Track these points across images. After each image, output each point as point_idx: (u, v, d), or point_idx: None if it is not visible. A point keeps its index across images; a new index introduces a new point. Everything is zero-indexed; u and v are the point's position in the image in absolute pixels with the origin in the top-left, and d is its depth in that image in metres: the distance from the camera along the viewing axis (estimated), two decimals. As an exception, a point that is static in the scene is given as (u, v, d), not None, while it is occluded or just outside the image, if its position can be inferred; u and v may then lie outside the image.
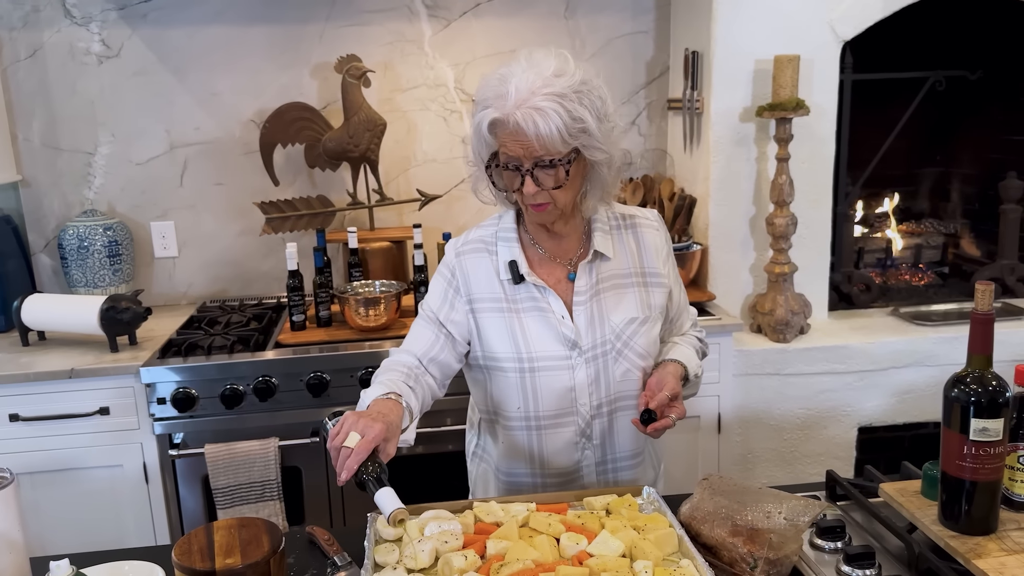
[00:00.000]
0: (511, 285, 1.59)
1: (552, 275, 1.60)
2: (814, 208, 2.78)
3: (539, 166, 1.44)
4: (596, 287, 1.60)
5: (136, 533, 2.45)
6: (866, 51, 2.78)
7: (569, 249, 1.62)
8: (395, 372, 1.54)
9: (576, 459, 1.63)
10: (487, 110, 1.44)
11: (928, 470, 1.38)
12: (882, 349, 2.70)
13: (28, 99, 2.87)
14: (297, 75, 2.95)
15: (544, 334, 1.57)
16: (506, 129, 1.43)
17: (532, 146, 1.42)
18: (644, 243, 1.65)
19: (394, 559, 1.30)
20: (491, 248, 1.62)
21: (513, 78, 1.42)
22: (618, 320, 1.59)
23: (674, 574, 1.22)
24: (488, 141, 1.47)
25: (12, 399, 2.35)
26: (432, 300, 1.63)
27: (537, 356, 1.57)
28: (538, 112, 1.39)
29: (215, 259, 3.04)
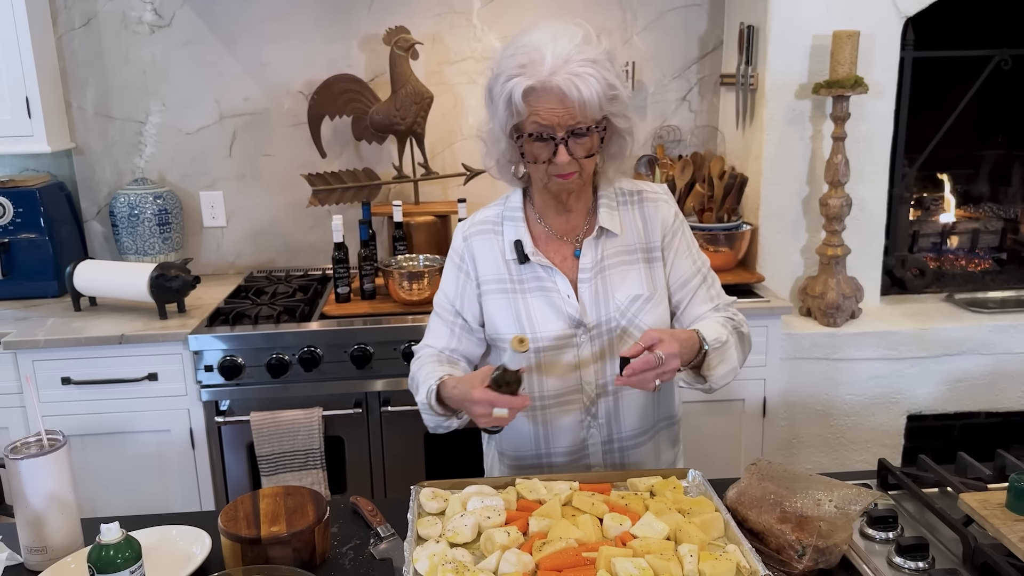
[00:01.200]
0: (516, 265, 1.58)
1: (558, 253, 1.59)
2: (869, 189, 2.70)
3: (573, 135, 1.43)
4: (601, 264, 1.58)
5: (182, 498, 2.49)
6: (928, 27, 2.68)
7: (576, 226, 1.60)
8: (430, 364, 1.58)
9: (582, 437, 1.62)
10: (518, 79, 1.40)
11: (1016, 481, 1.27)
12: (935, 336, 2.62)
13: (82, 67, 2.90)
14: (345, 47, 2.94)
15: (549, 314, 1.56)
16: (543, 96, 1.40)
17: (570, 113, 1.41)
18: (650, 217, 1.61)
19: (436, 532, 1.30)
20: (497, 228, 1.61)
21: (545, 45, 1.40)
22: (622, 297, 1.57)
23: (719, 559, 1.20)
24: (519, 110, 1.43)
25: (64, 363, 2.40)
26: (447, 290, 1.65)
27: (541, 336, 1.56)
28: (579, 78, 1.38)
29: (262, 230, 3.06)
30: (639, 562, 1.19)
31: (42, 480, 1.30)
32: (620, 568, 1.17)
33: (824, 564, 1.24)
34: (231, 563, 1.25)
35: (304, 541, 1.26)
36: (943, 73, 2.82)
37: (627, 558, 1.20)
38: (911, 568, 1.22)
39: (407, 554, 1.22)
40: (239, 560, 1.24)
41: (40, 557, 1.32)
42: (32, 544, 1.32)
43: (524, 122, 1.45)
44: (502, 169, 1.58)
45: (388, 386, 2.45)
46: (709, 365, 1.50)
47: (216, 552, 1.31)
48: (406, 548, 1.24)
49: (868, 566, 1.24)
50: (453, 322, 1.63)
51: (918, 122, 2.79)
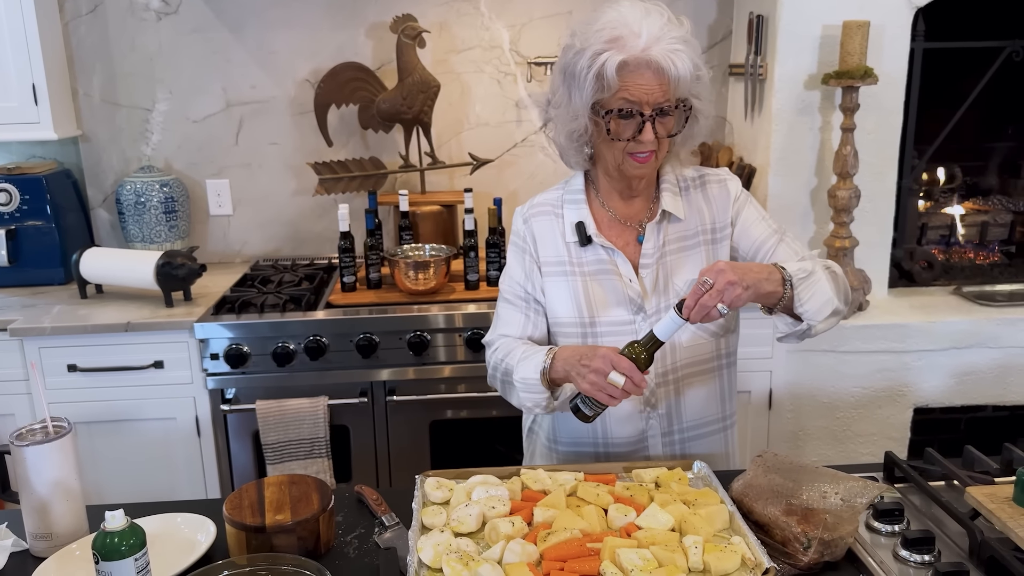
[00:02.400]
0: (577, 247, 1.56)
1: (621, 237, 1.58)
2: (878, 181, 2.68)
3: (659, 113, 1.42)
4: (663, 249, 1.56)
5: (187, 485, 2.50)
6: (939, 18, 2.66)
7: (639, 211, 1.59)
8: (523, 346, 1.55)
9: (641, 428, 1.59)
10: (609, 53, 1.39)
11: (1023, 475, 1.26)
12: (943, 329, 2.61)
13: (88, 54, 2.90)
14: (352, 35, 2.93)
15: (609, 298, 1.54)
16: (636, 71, 1.39)
17: (662, 89, 1.40)
18: (713, 197, 1.60)
19: (441, 521, 1.30)
20: (557, 211, 1.60)
21: (637, 22, 1.39)
22: (682, 283, 1.55)
23: (724, 551, 1.20)
24: (610, 85, 1.40)
25: (70, 350, 2.41)
26: (515, 275, 1.62)
27: (600, 320, 1.54)
28: (674, 53, 1.38)
29: (269, 218, 3.06)
30: (644, 553, 1.18)
31: (47, 467, 1.30)
32: (625, 559, 1.17)
33: (830, 557, 1.23)
34: (235, 551, 1.25)
35: (309, 530, 1.26)
36: (953, 64, 2.80)
37: (632, 549, 1.19)
38: (917, 561, 1.21)
39: (412, 543, 1.22)
40: (244, 548, 1.24)
41: (45, 543, 1.32)
42: (37, 530, 1.32)
43: (610, 98, 1.42)
44: (570, 149, 1.55)
45: (393, 375, 2.45)
46: (800, 300, 1.43)
47: (221, 540, 1.31)
48: (410, 537, 1.23)
49: (874, 559, 1.24)
50: (526, 307, 1.60)
51: (928, 114, 2.76)
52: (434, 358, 2.45)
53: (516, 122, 3.02)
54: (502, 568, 1.17)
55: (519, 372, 1.49)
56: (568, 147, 1.55)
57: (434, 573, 1.19)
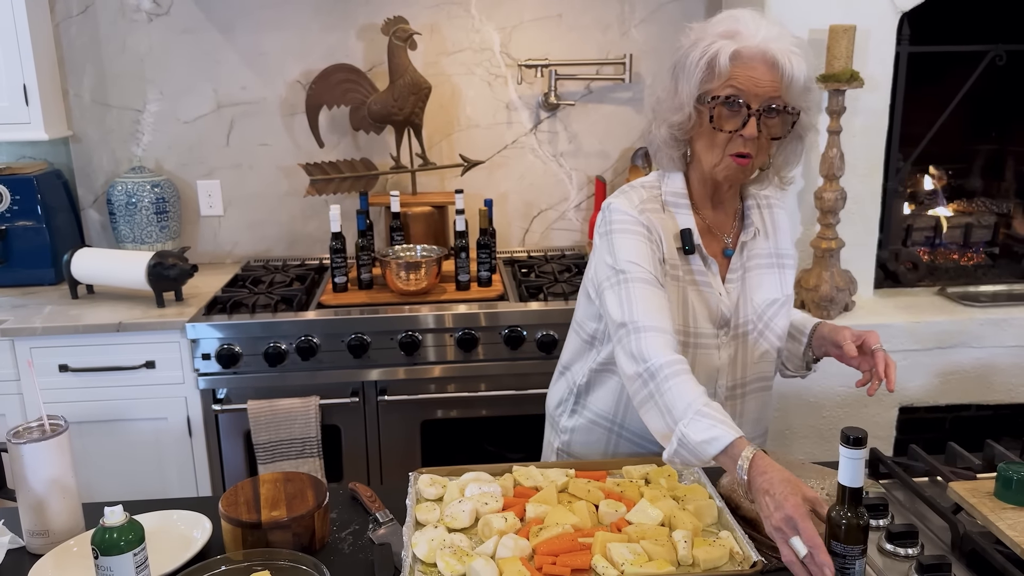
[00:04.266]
0: (681, 254, 1.52)
1: (710, 247, 1.56)
2: (864, 183, 2.72)
3: (766, 112, 1.41)
4: (744, 265, 1.58)
5: (179, 485, 2.51)
6: (924, 22, 2.69)
7: (724, 222, 1.58)
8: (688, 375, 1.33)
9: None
10: (725, 42, 1.40)
11: (1004, 471, 1.29)
12: (928, 329, 2.65)
13: (79, 55, 2.90)
14: (343, 36, 2.95)
15: (703, 310, 1.52)
16: (751, 61, 1.39)
17: (773, 85, 1.40)
18: (778, 224, 1.63)
19: (435, 518, 1.32)
20: (665, 210, 1.54)
21: (754, 20, 1.41)
22: (760, 300, 1.56)
23: (713, 545, 1.22)
24: (723, 72, 1.39)
25: (62, 350, 2.41)
26: (640, 259, 1.45)
27: (698, 331, 1.52)
28: (793, 54, 1.39)
29: (260, 219, 3.07)
30: (634, 547, 1.21)
31: (44, 464, 1.31)
32: (615, 553, 1.19)
33: (816, 550, 1.25)
34: (231, 547, 1.27)
35: (304, 526, 1.27)
36: (938, 68, 2.84)
37: (622, 543, 1.22)
38: (901, 554, 1.24)
39: (406, 539, 1.24)
40: (239, 544, 1.25)
41: (42, 541, 1.33)
42: (34, 528, 1.33)
43: (719, 86, 1.41)
44: (667, 146, 1.51)
45: (385, 375, 2.46)
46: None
47: (216, 536, 1.33)
48: (405, 533, 1.25)
49: (859, 553, 1.26)
50: (664, 296, 1.44)
51: (913, 117, 2.80)
52: (425, 358, 2.47)
53: (507, 124, 3.04)
54: (495, 562, 1.19)
55: (693, 431, 1.26)
56: (666, 143, 1.51)
57: (428, 568, 1.21)
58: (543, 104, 3.02)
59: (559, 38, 2.98)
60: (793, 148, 1.52)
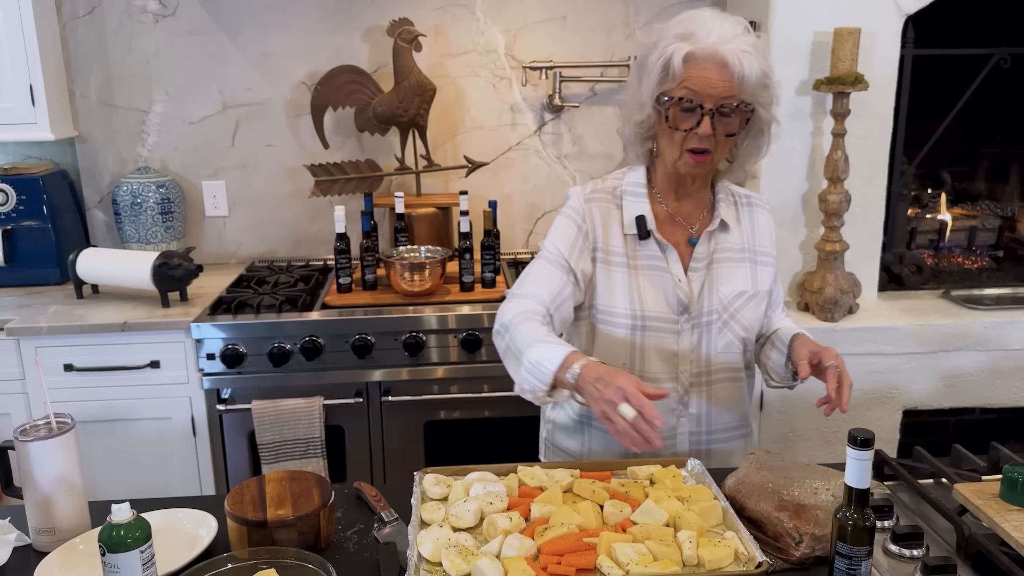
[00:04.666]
0: (634, 240, 1.59)
1: (673, 236, 1.61)
2: (868, 186, 2.72)
3: (720, 111, 1.46)
4: (712, 256, 1.62)
5: (182, 485, 2.51)
6: (929, 25, 2.70)
7: (692, 213, 1.63)
8: (540, 325, 1.45)
9: (671, 425, 1.62)
10: (680, 44, 1.46)
11: (1010, 472, 1.29)
12: (932, 332, 2.65)
13: (86, 56, 2.91)
14: (349, 38, 2.95)
15: (657, 295, 1.58)
16: (702, 63, 1.45)
17: (726, 85, 1.45)
18: (758, 223, 1.67)
19: (440, 517, 1.32)
20: (617, 201, 1.62)
21: (712, 21, 1.46)
22: (728, 292, 1.60)
23: (718, 545, 1.22)
24: (676, 73, 1.46)
25: (67, 350, 2.42)
26: (560, 242, 1.58)
27: (650, 315, 1.57)
28: (744, 53, 1.43)
29: (264, 220, 3.08)
30: (639, 547, 1.21)
31: (51, 462, 1.31)
32: (620, 553, 1.19)
33: (821, 551, 1.26)
34: (237, 545, 1.27)
35: (310, 525, 1.28)
36: (943, 71, 2.84)
37: (627, 543, 1.22)
38: (906, 556, 1.24)
39: (411, 538, 1.24)
40: (245, 543, 1.26)
41: (48, 538, 1.33)
42: (40, 525, 1.33)
43: (674, 88, 1.47)
44: (634, 142, 1.60)
45: (389, 376, 2.46)
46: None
47: (222, 535, 1.33)
48: (410, 532, 1.25)
49: (864, 554, 1.26)
50: (565, 278, 1.56)
51: (917, 120, 2.80)
52: (429, 359, 2.47)
53: (511, 126, 3.05)
54: (500, 562, 1.19)
55: (534, 352, 1.38)
56: (632, 139, 1.60)
57: (434, 567, 1.21)
58: (547, 106, 3.02)
59: (564, 40, 2.98)
60: (754, 142, 1.58)
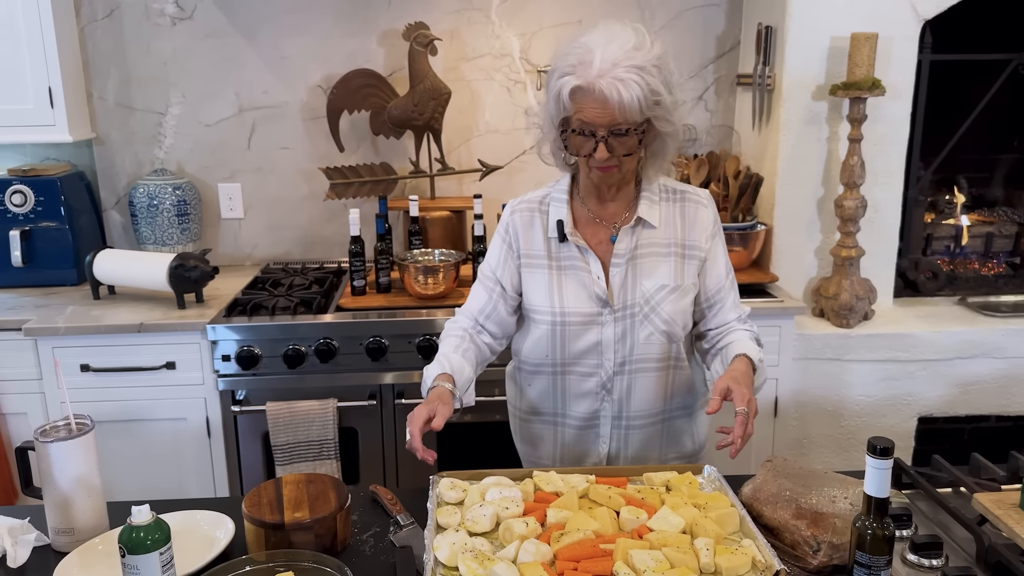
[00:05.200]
0: (556, 243, 1.68)
1: (595, 236, 1.69)
2: (884, 191, 2.71)
3: (613, 134, 1.52)
4: (634, 252, 1.67)
5: (197, 485, 2.52)
6: (947, 31, 2.69)
7: (616, 213, 1.69)
8: (452, 339, 1.71)
9: (595, 408, 1.72)
10: (568, 77, 1.51)
11: None
12: (948, 339, 2.63)
13: (104, 58, 2.93)
14: (364, 41, 2.96)
15: (579, 292, 1.66)
16: (587, 96, 1.50)
17: (611, 115, 1.50)
18: (690, 218, 1.70)
19: (456, 521, 1.32)
20: (543, 208, 1.72)
21: (596, 48, 1.49)
22: (649, 286, 1.66)
23: (735, 553, 1.22)
24: (566, 106, 1.53)
25: (83, 350, 2.43)
26: (491, 258, 1.76)
27: (570, 312, 1.66)
28: (621, 83, 1.47)
29: (279, 222, 3.09)
30: (656, 554, 1.20)
31: (70, 463, 1.32)
32: (637, 560, 1.19)
33: (839, 560, 1.25)
34: (254, 547, 1.27)
35: (326, 527, 1.28)
36: (960, 76, 2.82)
37: (644, 550, 1.21)
38: (925, 565, 1.23)
39: (428, 542, 1.24)
40: (262, 545, 1.26)
41: (67, 539, 1.34)
42: (59, 526, 1.34)
43: (571, 117, 1.54)
44: (554, 154, 1.68)
45: (402, 379, 2.47)
46: (754, 383, 1.59)
47: (239, 537, 1.33)
48: (426, 536, 1.26)
49: (882, 563, 1.25)
50: (492, 288, 1.73)
51: (934, 125, 2.79)
52: (443, 362, 2.47)
53: (525, 129, 3.05)
54: (517, 567, 1.19)
55: (428, 368, 1.63)
56: (552, 153, 1.68)
57: (450, 571, 1.21)
58: (562, 110, 3.02)
59: (579, 44, 2.98)
60: (659, 147, 1.63)
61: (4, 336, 2.45)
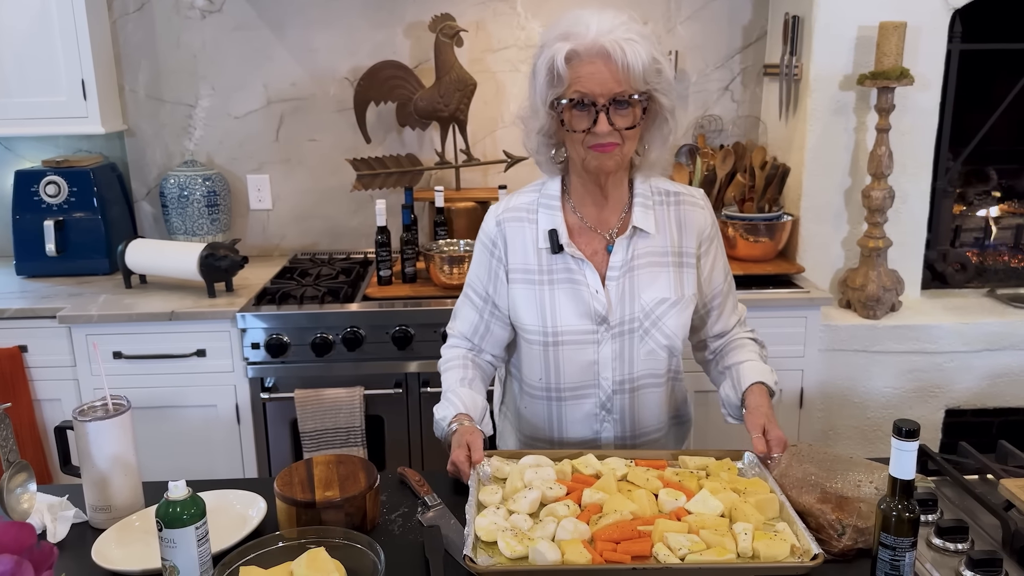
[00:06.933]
0: (548, 255, 1.56)
1: (590, 245, 1.58)
2: (912, 182, 2.69)
3: (616, 102, 1.42)
4: (631, 263, 1.57)
5: (226, 471, 2.56)
6: (977, 20, 2.66)
7: (610, 219, 1.59)
8: (454, 371, 1.63)
9: (595, 430, 1.64)
10: (561, 43, 1.41)
11: None
12: (976, 331, 2.61)
13: (135, 51, 2.98)
14: (391, 33, 2.98)
15: (573, 308, 1.56)
16: (585, 60, 1.40)
17: (614, 77, 1.40)
18: (686, 222, 1.61)
19: (497, 499, 1.34)
20: (532, 216, 1.59)
21: (590, 17, 1.42)
22: (649, 299, 1.57)
23: (774, 539, 1.22)
24: (562, 75, 1.42)
25: (116, 338, 2.48)
26: (479, 274, 1.64)
27: (563, 330, 1.56)
28: (626, 42, 1.39)
29: (307, 213, 3.12)
30: (693, 537, 1.21)
31: (107, 442, 1.36)
32: (673, 542, 1.19)
33: (863, 544, 1.25)
34: (286, 525, 1.30)
35: (356, 506, 1.30)
36: (991, 66, 2.79)
37: (682, 534, 1.22)
38: (951, 549, 1.23)
39: (469, 518, 1.26)
40: (293, 523, 1.29)
41: (104, 516, 1.38)
42: (97, 503, 1.38)
43: (564, 91, 1.43)
44: (541, 152, 1.57)
45: (427, 367, 2.49)
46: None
47: (271, 515, 1.36)
48: (468, 513, 1.27)
49: (907, 547, 1.25)
50: (483, 307, 1.64)
51: (963, 115, 2.77)
52: (468, 351, 2.49)
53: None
54: (557, 545, 1.20)
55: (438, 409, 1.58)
56: (539, 149, 1.56)
57: (489, 547, 1.23)
58: (587, 101, 3.02)
59: (604, 35, 2.98)
60: (658, 131, 1.52)
61: (39, 324, 2.50)
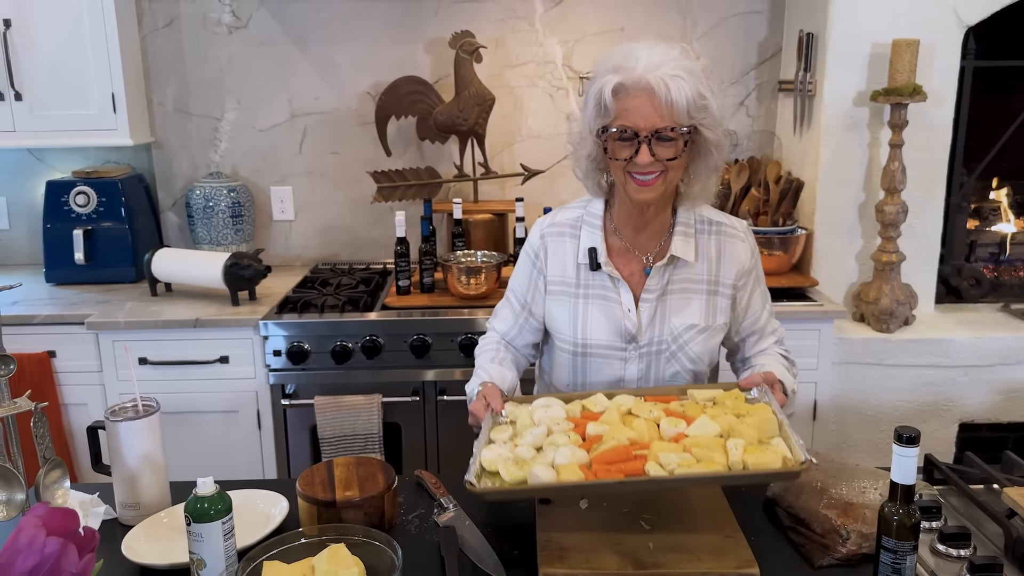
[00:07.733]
0: (587, 270, 1.64)
1: (628, 266, 1.64)
2: (926, 197, 2.71)
3: (657, 137, 1.46)
4: (666, 288, 1.62)
5: (247, 476, 2.61)
6: (990, 37, 2.69)
7: (649, 244, 1.64)
8: (487, 352, 1.74)
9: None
10: (611, 75, 1.46)
11: None
12: (990, 345, 2.62)
13: (163, 66, 3.06)
14: (412, 49, 3.05)
15: (605, 323, 1.62)
16: (631, 94, 1.45)
17: (658, 112, 1.44)
18: (725, 253, 1.64)
19: (506, 436, 1.39)
20: (575, 232, 1.66)
21: (641, 51, 1.46)
22: (678, 323, 1.61)
23: (765, 451, 1.24)
24: (608, 107, 1.47)
25: (141, 344, 2.54)
26: (519, 283, 1.74)
27: (592, 342, 1.63)
28: (671, 78, 1.43)
29: (328, 224, 3.19)
30: (685, 455, 1.25)
31: (137, 442, 1.41)
32: (665, 459, 1.24)
33: (868, 548, 1.28)
34: (307, 523, 1.35)
35: (375, 506, 1.35)
36: (1005, 82, 2.82)
37: (674, 452, 1.26)
38: (953, 555, 1.26)
39: (476, 449, 1.33)
40: (315, 521, 1.33)
41: (133, 513, 1.43)
42: (127, 500, 1.43)
43: (611, 122, 1.48)
44: (590, 176, 1.62)
45: (444, 376, 2.54)
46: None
47: (292, 514, 1.41)
48: (476, 446, 1.35)
49: (911, 553, 1.28)
50: (520, 312, 1.73)
51: (977, 131, 2.79)
52: (485, 360, 2.53)
53: (567, 135, 3.09)
54: (554, 468, 1.25)
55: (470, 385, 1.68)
56: (587, 173, 1.62)
57: (492, 476, 1.29)
58: (604, 116, 3.07)
59: (621, 51, 3.03)
60: (703, 163, 1.55)
61: (67, 330, 2.58)
